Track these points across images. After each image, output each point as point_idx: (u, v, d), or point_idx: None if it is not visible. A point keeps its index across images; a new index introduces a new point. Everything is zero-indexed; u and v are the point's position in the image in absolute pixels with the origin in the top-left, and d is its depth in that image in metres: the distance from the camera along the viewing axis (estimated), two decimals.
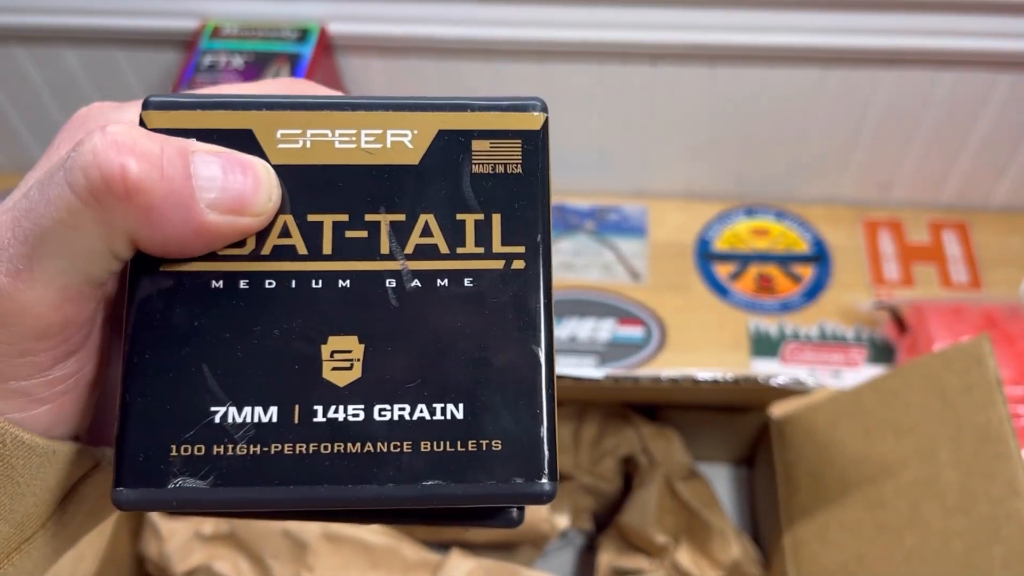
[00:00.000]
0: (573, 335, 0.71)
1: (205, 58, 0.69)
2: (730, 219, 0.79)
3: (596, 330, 0.72)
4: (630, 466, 0.58)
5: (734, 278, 0.75)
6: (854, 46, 0.67)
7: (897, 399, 0.50)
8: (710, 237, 0.78)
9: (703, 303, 0.73)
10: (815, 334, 0.71)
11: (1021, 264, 0.75)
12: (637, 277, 0.75)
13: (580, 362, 0.70)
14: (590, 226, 0.79)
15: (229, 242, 0.21)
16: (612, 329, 0.72)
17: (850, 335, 0.71)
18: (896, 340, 0.69)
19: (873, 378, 0.53)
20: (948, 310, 0.67)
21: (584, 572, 0.59)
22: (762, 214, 0.80)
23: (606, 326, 0.72)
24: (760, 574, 0.54)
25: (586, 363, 0.70)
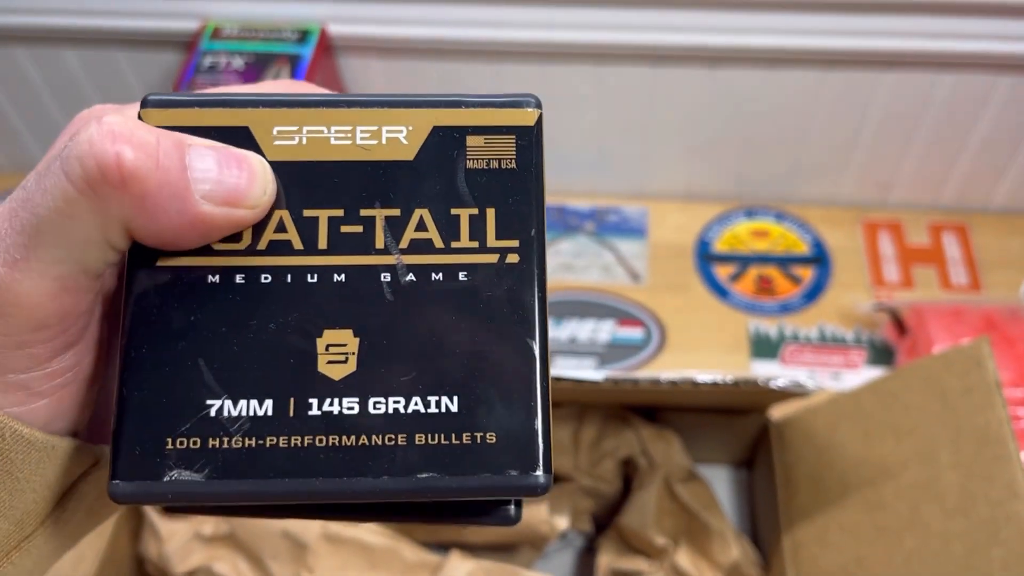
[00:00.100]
0: (573, 336, 0.71)
1: (205, 59, 0.69)
2: (730, 220, 0.79)
3: (596, 331, 0.72)
4: (629, 468, 0.58)
5: (734, 279, 0.75)
6: (854, 48, 0.67)
7: (897, 401, 0.50)
8: (710, 238, 0.78)
9: (703, 304, 0.73)
10: (815, 336, 0.71)
11: (1021, 266, 0.75)
12: (637, 278, 0.75)
13: (580, 363, 0.70)
14: (590, 227, 0.79)
15: (224, 234, 0.21)
16: (612, 330, 0.72)
17: (850, 337, 0.71)
18: (896, 342, 0.69)
19: (873, 380, 0.53)
20: (948, 312, 0.67)
21: (583, 574, 0.58)
22: (762, 215, 0.80)
23: (606, 327, 0.72)
24: None
25: (586, 364, 0.70)
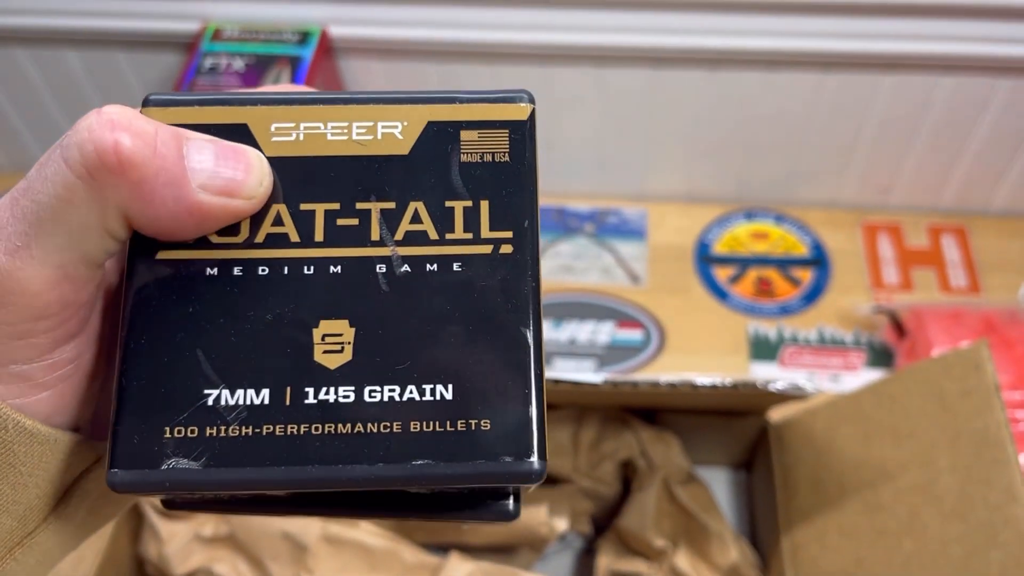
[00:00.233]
0: (572, 338, 0.72)
1: (206, 60, 0.69)
2: (729, 222, 0.79)
3: (595, 333, 0.72)
4: (629, 470, 0.58)
5: (733, 281, 0.75)
6: (854, 50, 0.67)
7: (896, 404, 0.50)
8: (709, 240, 0.78)
9: (702, 306, 0.73)
10: (814, 338, 0.71)
11: (1020, 269, 0.75)
12: (636, 280, 0.76)
13: (579, 365, 0.70)
14: (590, 229, 0.79)
15: (221, 225, 0.21)
16: (611, 332, 0.72)
17: (849, 339, 0.71)
18: (895, 344, 0.69)
19: (872, 383, 0.53)
20: (947, 314, 0.67)
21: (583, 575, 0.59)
22: (761, 217, 0.80)
23: (605, 329, 0.72)
24: None
25: (585, 366, 0.70)
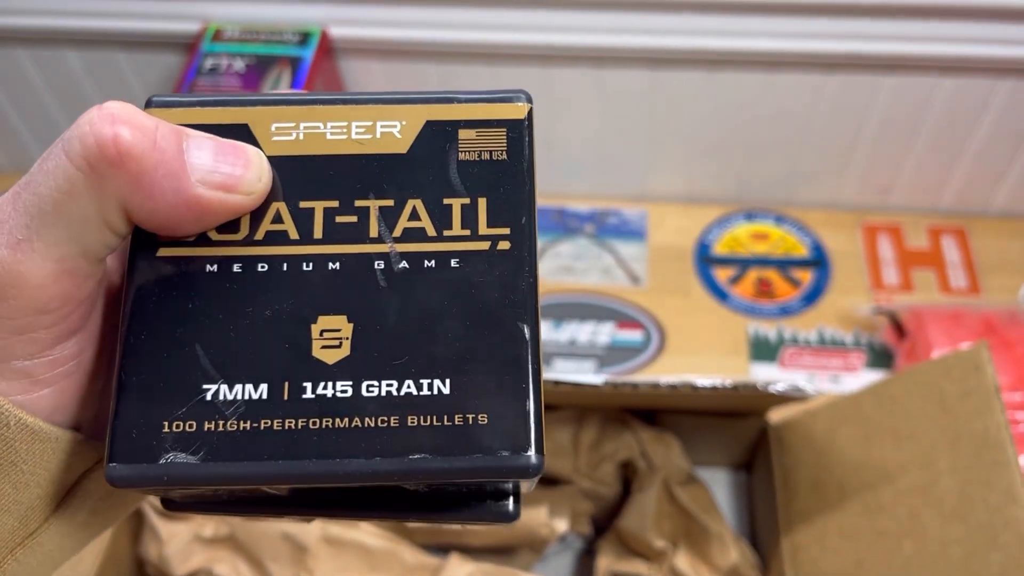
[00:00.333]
0: (572, 338, 0.72)
1: (207, 61, 0.69)
2: (730, 223, 0.79)
3: (595, 334, 0.72)
4: (629, 471, 0.58)
5: (733, 282, 0.75)
6: (854, 52, 0.67)
7: (896, 405, 0.50)
8: (710, 241, 0.78)
9: (702, 307, 0.73)
10: (814, 339, 0.71)
11: (1020, 270, 0.75)
12: (636, 281, 0.76)
13: (579, 366, 0.70)
14: (590, 229, 0.79)
15: (221, 220, 0.22)
16: (611, 333, 0.72)
17: (849, 340, 0.71)
18: (895, 345, 0.69)
19: (872, 384, 0.53)
20: (947, 315, 0.67)
21: None
22: (762, 218, 0.80)
23: (605, 330, 0.72)
24: None
25: (585, 366, 0.70)
